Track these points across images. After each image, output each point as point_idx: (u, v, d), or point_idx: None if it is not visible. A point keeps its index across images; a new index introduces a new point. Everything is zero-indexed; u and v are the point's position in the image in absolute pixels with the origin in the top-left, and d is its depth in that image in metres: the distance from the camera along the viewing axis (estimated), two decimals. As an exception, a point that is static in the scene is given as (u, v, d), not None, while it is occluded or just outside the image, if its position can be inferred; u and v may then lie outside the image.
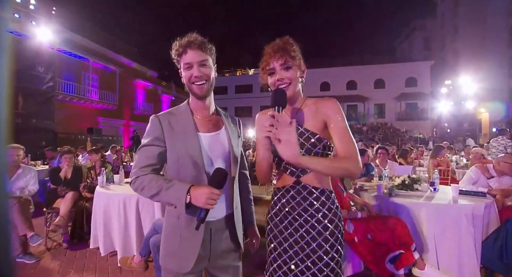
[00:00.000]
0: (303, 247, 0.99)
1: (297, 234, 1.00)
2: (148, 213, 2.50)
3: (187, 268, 0.97)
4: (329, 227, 0.98)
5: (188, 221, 0.98)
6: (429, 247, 2.19)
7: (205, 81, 1.00)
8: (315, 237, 0.98)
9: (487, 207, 2.19)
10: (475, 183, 2.69)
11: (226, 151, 1.05)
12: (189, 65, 0.98)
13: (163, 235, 1.05)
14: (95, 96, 15.96)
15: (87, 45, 15.49)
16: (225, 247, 1.06)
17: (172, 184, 0.92)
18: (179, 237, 0.99)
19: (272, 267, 1.04)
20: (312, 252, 0.98)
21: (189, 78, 0.99)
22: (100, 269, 2.42)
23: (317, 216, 0.99)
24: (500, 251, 1.99)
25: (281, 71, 0.99)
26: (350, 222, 2.17)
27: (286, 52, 0.97)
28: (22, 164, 3.01)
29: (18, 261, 2.50)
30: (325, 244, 0.97)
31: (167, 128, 1.01)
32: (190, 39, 0.97)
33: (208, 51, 1.00)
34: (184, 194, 0.88)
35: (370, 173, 3.65)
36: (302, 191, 1.02)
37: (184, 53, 0.98)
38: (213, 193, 0.87)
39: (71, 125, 13.67)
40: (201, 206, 0.87)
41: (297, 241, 1.00)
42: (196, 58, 0.97)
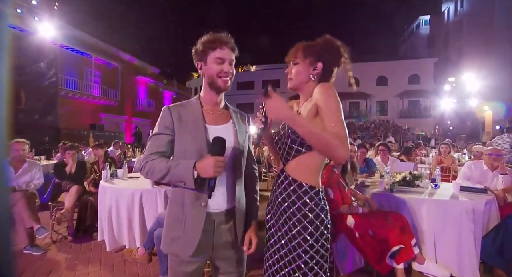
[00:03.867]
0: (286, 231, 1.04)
1: (281, 220, 1.06)
2: (152, 207, 2.54)
3: (190, 252, 1.00)
4: (309, 216, 1.01)
5: (192, 209, 1.01)
6: (429, 242, 2.22)
7: (230, 78, 1.07)
8: (294, 224, 1.02)
9: (488, 204, 2.20)
10: (469, 178, 2.71)
11: (231, 144, 1.07)
12: (221, 60, 1.04)
13: (166, 223, 1.08)
14: (97, 92, 16.02)
15: (89, 41, 15.51)
16: (228, 238, 1.09)
17: (178, 163, 0.97)
18: (183, 224, 1.02)
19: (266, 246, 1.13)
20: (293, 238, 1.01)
21: (218, 72, 1.04)
22: (105, 262, 2.47)
23: (292, 208, 1.03)
24: (500, 247, 2.01)
25: (290, 66, 1.10)
26: (351, 218, 2.19)
27: (299, 50, 1.07)
28: (27, 158, 3.04)
29: (25, 253, 2.56)
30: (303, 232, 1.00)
31: (177, 118, 1.05)
32: (227, 39, 1.05)
33: (235, 54, 1.08)
34: (191, 169, 0.92)
35: (372, 169, 3.66)
36: (284, 180, 1.07)
37: (219, 48, 1.03)
38: (217, 160, 0.91)
39: (73, 121, 13.76)
40: (210, 175, 0.91)
41: (280, 226, 1.07)
42: (230, 56, 1.05)
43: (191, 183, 0.94)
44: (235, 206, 1.09)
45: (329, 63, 1.07)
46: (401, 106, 24.81)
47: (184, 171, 0.94)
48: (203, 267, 1.14)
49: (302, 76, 1.06)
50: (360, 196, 2.55)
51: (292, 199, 1.03)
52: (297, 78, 1.07)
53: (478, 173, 2.83)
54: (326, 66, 1.06)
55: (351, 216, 2.19)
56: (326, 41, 1.08)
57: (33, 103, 10.26)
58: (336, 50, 1.07)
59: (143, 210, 2.55)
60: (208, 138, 1.03)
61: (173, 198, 1.07)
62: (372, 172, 3.57)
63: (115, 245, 2.62)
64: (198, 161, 0.94)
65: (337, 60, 1.08)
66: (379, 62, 25.23)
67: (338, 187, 2.28)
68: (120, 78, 17.71)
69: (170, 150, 1.06)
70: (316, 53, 1.04)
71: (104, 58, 16.17)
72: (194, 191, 1.00)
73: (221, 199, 1.06)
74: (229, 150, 1.06)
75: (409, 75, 24.67)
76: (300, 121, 0.91)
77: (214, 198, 0.99)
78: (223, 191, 1.06)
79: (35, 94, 10.43)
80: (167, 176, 0.97)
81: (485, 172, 2.81)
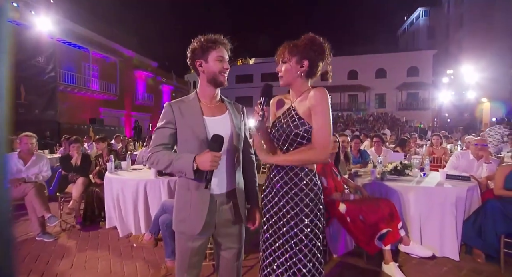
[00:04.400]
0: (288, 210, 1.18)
1: (282, 201, 1.20)
2: (155, 195, 2.69)
3: (197, 230, 1.15)
4: (304, 200, 1.16)
5: (197, 192, 1.15)
6: (415, 226, 2.39)
7: (227, 74, 1.21)
8: (297, 203, 1.16)
9: (470, 190, 2.36)
10: (457, 167, 2.86)
11: (228, 132, 1.20)
12: (222, 59, 1.18)
13: (175, 206, 1.22)
14: (96, 87, 15.99)
15: (86, 35, 15.38)
16: (228, 217, 1.23)
17: (180, 156, 1.11)
18: (190, 205, 1.16)
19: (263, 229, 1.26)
20: (295, 215, 1.16)
21: (220, 69, 1.18)
22: (113, 247, 2.63)
23: (295, 189, 1.17)
24: (479, 228, 2.18)
25: (280, 64, 1.21)
26: (343, 204, 2.35)
27: (286, 49, 1.18)
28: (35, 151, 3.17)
29: (38, 240, 2.72)
30: (306, 206, 1.16)
31: (177, 113, 1.17)
32: (225, 40, 1.20)
33: (229, 53, 1.22)
34: (191, 163, 1.06)
35: (365, 160, 3.81)
36: (285, 166, 1.20)
37: (220, 47, 1.17)
38: (215, 156, 1.05)
39: (73, 115, 13.81)
40: (207, 169, 1.05)
41: (281, 207, 1.20)
42: (227, 55, 1.21)
43: (191, 175, 1.08)
44: (235, 188, 1.23)
45: (314, 59, 1.18)
46: (399, 99, 24.85)
47: (185, 164, 1.08)
48: (207, 243, 1.29)
49: (291, 73, 1.18)
50: (352, 184, 2.70)
51: (294, 181, 1.18)
52: (287, 76, 1.19)
53: (465, 162, 2.98)
54: (311, 62, 1.18)
55: (343, 203, 2.34)
56: (310, 40, 1.18)
57: (33, 98, 10.31)
58: (319, 46, 1.18)
59: (147, 199, 2.70)
60: (207, 129, 1.17)
61: (181, 184, 1.21)
62: (366, 162, 3.72)
63: (126, 231, 2.79)
64: (197, 155, 1.08)
65: (321, 55, 1.19)
66: (378, 54, 25.10)
67: (332, 176, 2.43)
68: (119, 72, 17.63)
69: (173, 142, 1.20)
70: (301, 52, 1.16)
71: (101, 52, 16.06)
72: (197, 179, 1.13)
73: (222, 182, 1.20)
74: (227, 139, 1.18)
75: (408, 67, 24.61)
76: (275, 160, 1.19)
77: (216, 181, 1.13)
78: (224, 175, 1.20)
79: (35, 89, 10.46)
80: (169, 168, 1.11)
81: (471, 161, 2.96)
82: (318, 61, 1.19)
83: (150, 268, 2.23)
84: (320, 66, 1.21)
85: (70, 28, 13.93)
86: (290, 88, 1.25)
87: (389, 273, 2.12)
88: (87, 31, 15.54)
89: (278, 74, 1.21)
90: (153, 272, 2.15)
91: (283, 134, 1.19)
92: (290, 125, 1.17)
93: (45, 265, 2.27)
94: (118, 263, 2.32)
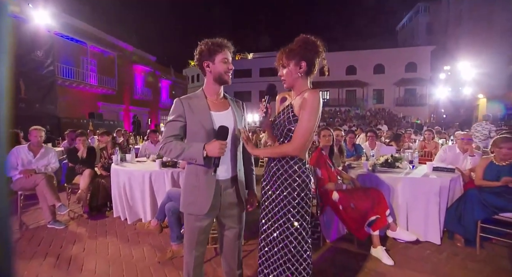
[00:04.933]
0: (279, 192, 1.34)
1: (276, 184, 1.36)
2: (160, 185, 2.86)
3: (204, 211, 1.32)
4: (297, 180, 1.31)
5: (205, 177, 1.31)
6: (403, 213, 2.58)
7: (231, 73, 1.37)
8: (286, 186, 1.32)
9: (453, 181, 2.55)
10: (444, 160, 3.04)
11: (231, 126, 1.36)
12: (227, 60, 1.33)
13: (184, 190, 1.38)
14: (94, 81, 15.97)
15: (84, 29, 15.28)
16: (231, 200, 1.40)
17: (191, 145, 1.27)
18: (198, 190, 1.33)
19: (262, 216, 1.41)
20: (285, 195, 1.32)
21: (225, 69, 1.33)
22: (120, 234, 2.80)
23: (286, 173, 1.32)
24: (459, 215, 2.37)
25: (281, 69, 1.36)
26: (336, 193, 2.52)
27: (283, 55, 1.31)
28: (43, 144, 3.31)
29: (49, 227, 2.89)
30: (294, 191, 1.31)
31: (187, 108, 1.33)
32: (229, 44, 1.35)
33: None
34: (201, 150, 1.22)
35: (359, 153, 3.99)
36: (281, 158, 1.35)
37: (225, 50, 1.32)
38: (222, 144, 1.21)
39: (71, 110, 13.83)
40: (216, 155, 1.21)
41: (274, 190, 1.36)
42: (230, 57, 1.35)
43: (201, 161, 1.24)
44: (237, 175, 1.40)
45: (311, 58, 1.32)
46: (397, 94, 25.01)
47: (196, 151, 1.24)
48: (212, 223, 1.46)
49: (291, 76, 1.32)
50: (345, 176, 2.88)
51: (285, 168, 1.33)
52: (288, 79, 1.33)
53: (452, 155, 3.17)
54: (308, 62, 1.32)
55: (336, 192, 2.52)
56: (304, 41, 1.32)
57: (32, 93, 10.33)
58: (313, 45, 1.32)
59: (153, 189, 2.87)
60: (214, 122, 1.32)
61: (189, 170, 1.37)
62: (359, 156, 3.90)
63: (133, 219, 2.97)
64: (206, 144, 1.23)
65: (317, 53, 1.32)
66: (376, 50, 25.14)
67: (325, 167, 2.60)
68: (117, 66, 17.58)
69: (183, 133, 1.36)
70: (298, 54, 1.29)
71: (100, 46, 15.99)
72: (206, 165, 1.29)
73: (226, 169, 1.36)
74: (230, 131, 1.34)
75: (406, 63, 24.70)
76: (259, 152, 1.39)
77: (221, 168, 1.29)
78: (228, 163, 1.36)
79: (34, 83, 10.47)
80: (181, 156, 1.27)
81: (457, 155, 3.14)
82: (314, 59, 1.32)
83: (157, 252, 2.41)
84: (317, 63, 1.34)
85: (68, 22, 13.83)
86: (292, 89, 1.39)
87: (377, 256, 2.31)
88: (85, 25, 15.43)
89: (281, 78, 1.35)
90: (159, 255, 2.32)
91: (280, 128, 1.35)
92: (286, 120, 1.32)
93: (59, 249, 2.45)
94: (127, 248, 2.50)
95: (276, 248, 1.36)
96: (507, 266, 2.17)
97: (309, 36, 1.34)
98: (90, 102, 15.70)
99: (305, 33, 1.35)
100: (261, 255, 1.44)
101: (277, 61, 1.35)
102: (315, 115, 1.25)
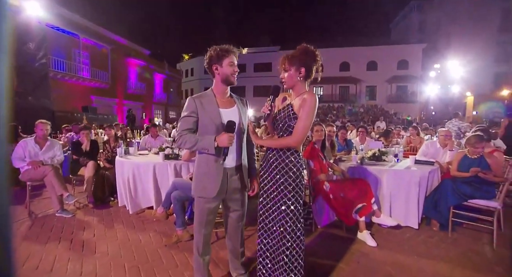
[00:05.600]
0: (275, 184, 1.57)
1: (273, 172, 1.58)
2: (164, 176, 3.05)
3: (213, 194, 1.53)
4: (293, 169, 1.54)
5: (215, 165, 1.52)
6: (386, 202, 2.85)
7: (236, 75, 1.57)
8: (283, 174, 1.55)
9: (432, 172, 2.83)
10: (426, 154, 3.33)
11: (237, 121, 1.56)
12: (233, 64, 1.53)
13: (196, 177, 1.59)
14: (87, 74, 15.76)
15: (76, 21, 14.99)
16: (236, 186, 1.62)
17: (203, 137, 1.48)
18: (208, 176, 1.54)
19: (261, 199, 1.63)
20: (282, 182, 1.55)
21: (231, 71, 1.54)
22: (126, 222, 2.99)
23: (283, 163, 1.55)
24: (435, 202, 2.66)
25: (283, 72, 1.56)
26: (327, 183, 2.77)
27: (286, 60, 1.52)
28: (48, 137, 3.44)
29: (57, 216, 3.05)
30: (290, 178, 1.54)
31: (199, 105, 1.53)
32: (234, 49, 1.55)
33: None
34: (213, 141, 1.44)
35: (350, 148, 4.25)
36: (280, 150, 1.57)
37: (230, 55, 1.51)
38: (230, 136, 1.43)
39: (65, 103, 13.68)
40: (225, 145, 1.42)
41: (275, 181, 1.58)
42: (236, 60, 1.56)
43: (213, 151, 1.45)
44: (241, 163, 1.61)
45: (309, 65, 1.53)
46: (389, 91, 25.51)
47: (208, 143, 1.45)
48: (219, 205, 1.67)
49: (292, 79, 1.54)
50: (336, 168, 3.12)
51: (282, 158, 1.56)
52: (289, 81, 1.55)
53: (433, 150, 3.45)
54: (307, 68, 1.53)
55: (327, 182, 2.77)
56: (304, 50, 1.53)
57: (26, 85, 10.19)
58: (312, 54, 1.53)
59: (156, 179, 3.06)
60: (222, 118, 1.52)
61: (200, 160, 1.58)
62: (350, 150, 4.16)
63: (136, 208, 3.16)
64: (217, 136, 1.44)
65: (315, 61, 1.54)
66: (370, 47, 25.45)
67: (318, 160, 2.84)
68: (110, 60, 17.36)
69: (195, 127, 1.56)
70: (298, 61, 1.51)
71: (92, 39, 15.74)
72: (216, 154, 1.50)
73: (232, 159, 1.57)
74: (237, 125, 1.55)
75: (398, 61, 25.14)
76: (263, 142, 1.60)
77: (228, 157, 1.50)
78: (234, 153, 1.58)
79: (27, 76, 10.31)
80: (195, 146, 1.48)
81: (438, 149, 3.43)
82: (312, 66, 1.54)
83: (163, 237, 2.61)
84: (314, 70, 1.56)
85: (59, 13, 13.56)
86: (292, 89, 1.60)
87: (362, 239, 2.58)
88: (77, 17, 15.14)
89: (282, 80, 1.57)
90: (166, 240, 2.53)
91: (280, 123, 1.56)
92: (286, 117, 1.54)
93: (71, 235, 2.63)
94: (134, 234, 2.69)
95: (275, 227, 1.59)
96: (472, 245, 2.48)
97: (309, 46, 1.55)
98: (82, 95, 15.53)
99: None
100: (260, 234, 1.67)
101: (280, 65, 1.56)
102: (312, 114, 1.47)
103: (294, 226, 1.56)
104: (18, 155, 3.09)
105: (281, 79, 1.58)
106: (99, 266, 2.09)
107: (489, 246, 2.45)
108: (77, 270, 2.04)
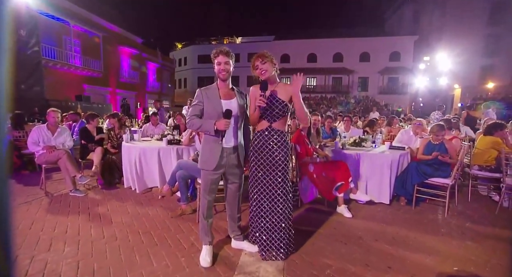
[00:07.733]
0: (270, 160, 1.96)
1: (267, 155, 1.96)
2: (167, 159, 3.41)
3: (212, 167, 1.92)
4: (284, 150, 1.95)
5: (215, 144, 1.89)
6: (363, 181, 3.31)
7: (226, 72, 1.89)
8: (276, 155, 1.94)
9: (402, 156, 3.28)
10: (401, 141, 3.78)
11: (236, 110, 1.92)
12: (219, 63, 1.86)
13: (202, 152, 1.97)
14: (78, 63, 15.56)
15: (66, 7, 14.63)
16: (234, 162, 2.00)
17: (206, 121, 1.86)
18: (209, 152, 1.92)
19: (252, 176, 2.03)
20: (275, 162, 1.95)
21: (218, 70, 1.88)
22: (134, 200, 3.36)
23: (276, 145, 1.95)
24: (404, 182, 3.12)
25: (260, 64, 1.91)
26: (311, 165, 3.18)
27: (262, 55, 1.91)
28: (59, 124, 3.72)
29: (71, 195, 3.39)
30: (281, 158, 1.95)
31: (205, 96, 1.90)
32: (222, 49, 1.85)
33: (230, 57, 1.88)
34: (213, 125, 1.81)
35: (335, 136, 4.67)
36: (270, 131, 1.97)
37: (219, 55, 1.85)
38: (227, 121, 1.80)
39: (56, 91, 13.59)
40: (222, 129, 1.79)
41: (267, 158, 1.97)
42: (223, 60, 1.86)
43: (213, 132, 1.83)
44: (237, 145, 1.98)
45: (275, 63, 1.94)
46: (381, 83, 26.01)
47: (209, 126, 1.82)
48: (220, 177, 2.05)
49: (270, 70, 1.92)
50: (321, 152, 3.54)
51: (273, 139, 1.95)
52: (268, 72, 1.91)
53: (407, 137, 3.91)
54: (276, 63, 1.93)
55: (312, 164, 3.18)
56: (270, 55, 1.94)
57: (18, 74, 10.14)
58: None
59: (161, 162, 3.42)
60: (222, 107, 1.88)
61: (205, 139, 1.96)
62: (335, 137, 4.58)
63: (143, 188, 3.53)
64: (216, 121, 1.81)
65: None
66: (363, 38, 25.67)
67: (304, 144, 3.24)
68: (102, 48, 17.11)
69: (201, 113, 1.93)
70: (271, 56, 1.91)
71: (83, 26, 15.45)
72: (215, 135, 1.87)
73: (229, 140, 1.94)
74: (234, 114, 1.92)
75: (390, 52, 25.51)
76: (299, 96, 1.91)
77: (226, 139, 1.87)
78: (231, 135, 1.95)
79: (20, 64, 10.24)
80: (200, 128, 1.87)
81: (411, 137, 3.89)
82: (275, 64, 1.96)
83: (168, 211, 3.00)
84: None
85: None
86: (269, 79, 1.95)
87: (340, 212, 3.03)
88: (67, 2, 14.77)
89: (262, 71, 1.92)
90: (171, 213, 2.92)
91: (269, 109, 1.94)
92: (274, 105, 1.92)
93: (87, 209, 2.99)
94: (142, 209, 3.07)
95: (268, 189, 1.99)
96: (428, 215, 2.98)
97: None
98: (75, 84, 15.38)
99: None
100: (253, 201, 2.08)
101: (259, 58, 1.91)
102: None
103: (283, 188, 1.98)
104: (33, 140, 3.38)
105: (260, 69, 1.91)
106: (117, 232, 2.48)
107: (442, 215, 2.95)
108: (100, 234, 2.42)
